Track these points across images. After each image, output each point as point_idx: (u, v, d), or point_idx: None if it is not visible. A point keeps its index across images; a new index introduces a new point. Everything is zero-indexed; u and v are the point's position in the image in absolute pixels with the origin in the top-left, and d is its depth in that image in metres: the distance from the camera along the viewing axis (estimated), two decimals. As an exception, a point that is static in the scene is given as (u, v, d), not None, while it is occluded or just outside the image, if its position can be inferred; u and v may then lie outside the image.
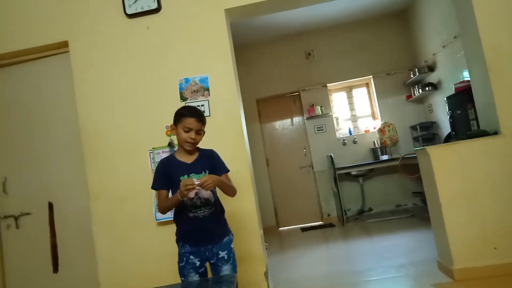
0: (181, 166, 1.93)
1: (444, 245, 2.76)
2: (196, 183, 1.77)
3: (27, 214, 2.90)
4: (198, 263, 1.93)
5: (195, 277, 1.92)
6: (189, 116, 1.91)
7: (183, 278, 1.94)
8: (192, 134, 1.92)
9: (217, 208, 2.02)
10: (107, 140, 2.82)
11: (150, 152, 2.75)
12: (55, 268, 2.84)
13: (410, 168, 5.36)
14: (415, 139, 5.96)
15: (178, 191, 1.83)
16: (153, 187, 1.98)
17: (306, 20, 5.86)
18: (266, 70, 6.47)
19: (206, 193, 1.92)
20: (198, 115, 1.94)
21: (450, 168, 2.72)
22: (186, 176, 1.91)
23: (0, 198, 2.95)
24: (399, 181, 5.97)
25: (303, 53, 6.42)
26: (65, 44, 2.93)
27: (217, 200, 2.03)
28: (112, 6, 2.90)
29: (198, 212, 1.93)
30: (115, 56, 2.88)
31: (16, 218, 2.90)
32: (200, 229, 1.94)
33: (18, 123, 3.01)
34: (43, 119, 2.99)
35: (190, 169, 1.93)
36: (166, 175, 1.94)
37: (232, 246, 2.03)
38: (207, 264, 1.99)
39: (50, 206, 2.89)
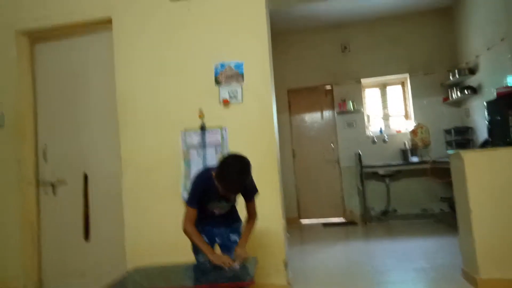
0: (215, 193, 1.94)
1: (470, 253, 2.69)
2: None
3: (63, 182, 3.06)
4: (207, 242, 2.05)
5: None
6: (232, 192, 1.90)
7: (195, 254, 2.10)
8: (230, 196, 1.96)
9: (234, 210, 2.16)
10: (142, 117, 2.91)
11: (182, 133, 2.82)
12: (86, 236, 2.99)
13: (441, 173, 5.23)
14: (449, 143, 5.78)
15: (211, 254, 1.91)
16: (188, 204, 2.01)
17: (344, 12, 5.75)
18: (300, 61, 6.41)
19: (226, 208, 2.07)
20: (239, 190, 1.92)
21: (484, 174, 2.63)
22: (216, 202, 2.00)
23: (41, 165, 3.12)
24: (427, 185, 5.82)
25: (339, 45, 6.32)
26: (108, 21, 3.02)
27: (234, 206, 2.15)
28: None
29: (215, 211, 2.07)
30: (156, 36, 2.95)
31: (53, 185, 3.06)
32: (213, 221, 2.10)
33: (60, 94, 3.16)
34: (84, 92, 3.12)
35: (223, 197, 1.97)
36: (202, 195, 1.98)
37: (240, 230, 2.16)
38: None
39: (85, 177, 3.03)
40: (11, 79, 3.10)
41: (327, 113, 6.48)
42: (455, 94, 5.47)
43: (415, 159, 5.72)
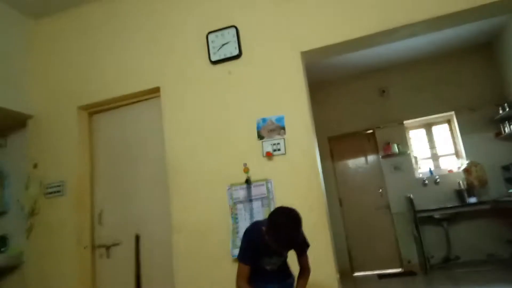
0: (267, 248, 1.90)
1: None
2: None
3: (117, 244, 3.16)
4: None
5: None
6: (285, 247, 1.87)
7: None
8: (282, 252, 1.98)
9: (285, 265, 2.12)
10: (191, 177, 3.00)
11: (228, 188, 2.87)
12: (139, 298, 3.01)
13: (504, 213, 4.83)
14: (508, 180, 5.38)
15: None
16: (240, 260, 1.99)
17: (380, 58, 5.81)
18: (339, 108, 6.45)
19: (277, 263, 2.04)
20: (292, 246, 1.88)
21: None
22: (267, 258, 1.98)
23: (97, 228, 3.27)
24: (491, 227, 5.36)
25: (377, 90, 6.31)
26: (157, 90, 3.26)
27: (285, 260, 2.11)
28: (199, 54, 3.19)
29: (267, 266, 2.03)
30: (200, 98, 3.13)
31: (107, 248, 3.17)
32: (265, 277, 2.04)
33: (115, 161, 3.37)
34: (136, 157, 3.30)
35: (275, 252, 1.94)
36: (254, 251, 1.96)
37: (293, 286, 2.09)
38: None
39: (137, 238, 3.11)
40: (71, 150, 3.37)
41: (371, 158, 6.34)
42: (508, 128, 5.19)
43: (472, 199, 5.35)
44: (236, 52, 3.06)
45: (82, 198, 3.29)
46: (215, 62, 3.11)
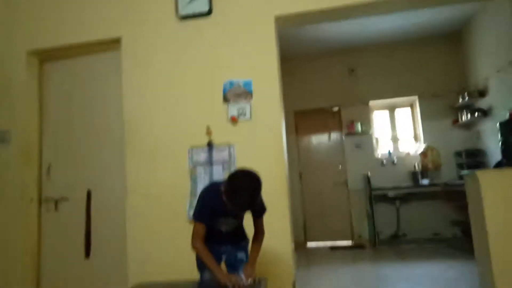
0: (223, 209, 1.85)
1: (488, 280, 2.56)
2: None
3: (66, 199, 3.01)
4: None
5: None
6: (242, 209, 1.83)
7: (200, 271, 2.05)
8: (239, 213, 1.94)
9: (241, 227, 2.10)
10: (149, 136, 2.88)
11: (189, 150, 2.78)
12: (87, 253, 2.91)
13: (452, 196, 5.11)
14: (460, 165, 5.65)
15: (219, 273, 1.83)
16: (196, 219, 1.93)
17: (353, 37, 5.79)
18: (307, 83, 6.42)
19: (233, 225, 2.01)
20: (250, 208, 1.84)
21: (502, 195, 2.53)
22: (223, 219, 1.94)
23: (44, 182, 3.09)
24: (439, 208, 5.68)
25: (346, 69, 6.33)
26: (117, 41, 3.04)
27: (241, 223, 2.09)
28: (166, 7, 2.99)
29: (222, 227, 2.00)
30: (164, 55, 2.95)
31: (56, 202, 3.02)
32: (220, 238, 2.02)
33: (67, 113, 3.15)
34: (90, 112, 3.10)
35: (232, 213, 1.90)
36: (211, 211, 1.90)
37: (248, 248, 2.09)
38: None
39: (89, 193, 2.98)
40: (18, 97, 3.12)
41: (334, 135, 6.42)
42: (465, 117, 5.41)
43: (425, 181, 5.61)
44: (206, 9, 2.89)
45: (28, 150, 3.08)
46: (183, 18, 2.93)
